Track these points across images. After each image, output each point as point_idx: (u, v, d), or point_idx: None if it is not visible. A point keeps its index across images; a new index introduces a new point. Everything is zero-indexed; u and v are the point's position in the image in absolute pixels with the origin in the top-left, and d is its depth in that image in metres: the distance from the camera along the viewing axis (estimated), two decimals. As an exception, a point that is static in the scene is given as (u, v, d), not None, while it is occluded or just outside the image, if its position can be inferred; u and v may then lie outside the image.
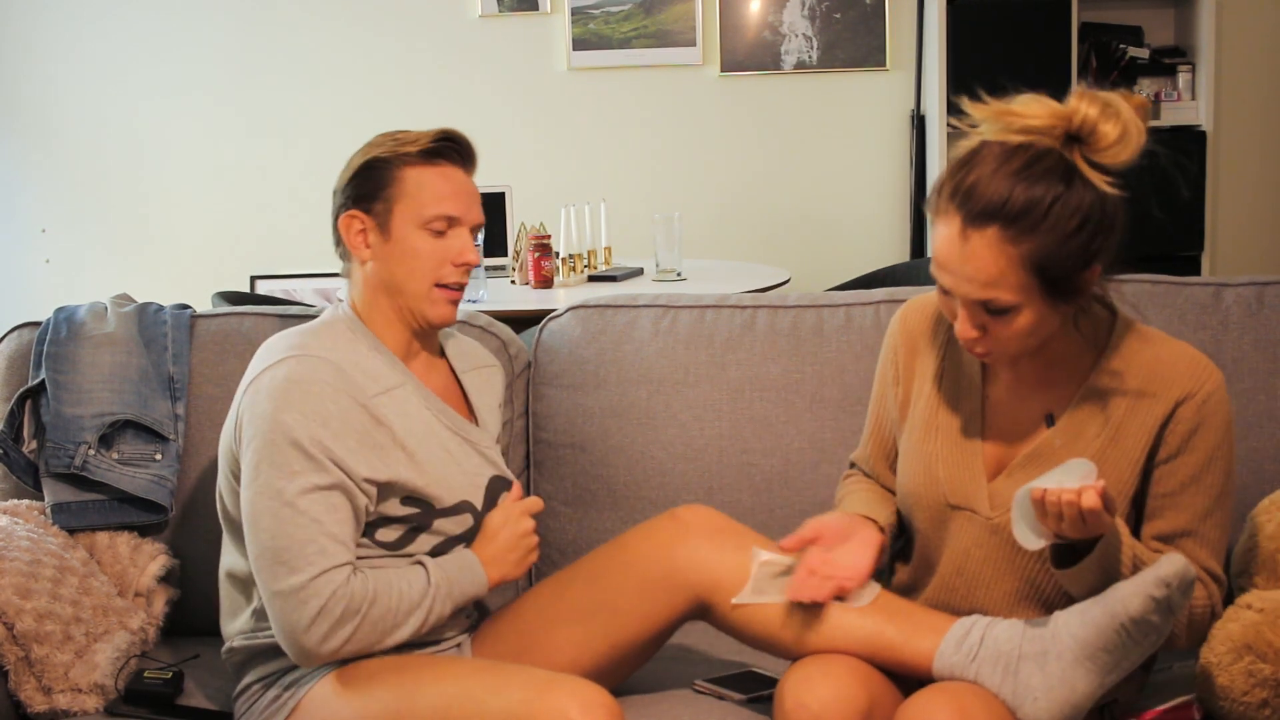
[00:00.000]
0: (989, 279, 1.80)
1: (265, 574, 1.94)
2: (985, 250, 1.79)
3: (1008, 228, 1.78)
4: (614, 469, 2.45)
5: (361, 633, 1.94)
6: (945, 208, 1.83)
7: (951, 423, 2.01)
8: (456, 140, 2.09)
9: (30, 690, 2.11)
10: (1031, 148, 1.81)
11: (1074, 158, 1.81)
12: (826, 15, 5.21)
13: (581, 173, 5.29)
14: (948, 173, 1.85)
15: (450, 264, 2.07)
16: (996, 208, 1.78)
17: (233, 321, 2.54)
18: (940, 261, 1.84)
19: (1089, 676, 1.81)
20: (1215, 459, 1.91)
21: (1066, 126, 1.81)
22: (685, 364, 2.46)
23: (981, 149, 1.83)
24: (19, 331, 2.53)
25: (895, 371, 2.09)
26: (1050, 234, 1.78)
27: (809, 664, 1.90)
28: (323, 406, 1.96)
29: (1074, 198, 1.79)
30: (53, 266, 5.46)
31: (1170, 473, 1.91)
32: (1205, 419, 1.90)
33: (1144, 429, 1.91)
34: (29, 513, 2.35)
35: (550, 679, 1.85)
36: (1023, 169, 1.79)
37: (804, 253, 5.22)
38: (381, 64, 5.31)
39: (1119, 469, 1.92)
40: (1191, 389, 1.90)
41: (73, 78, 5.35)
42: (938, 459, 2.01)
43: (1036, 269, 1.79)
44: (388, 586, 1.97)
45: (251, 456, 1.97)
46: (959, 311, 1.86)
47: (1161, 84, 5.05)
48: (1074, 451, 1.92)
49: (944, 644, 1.89)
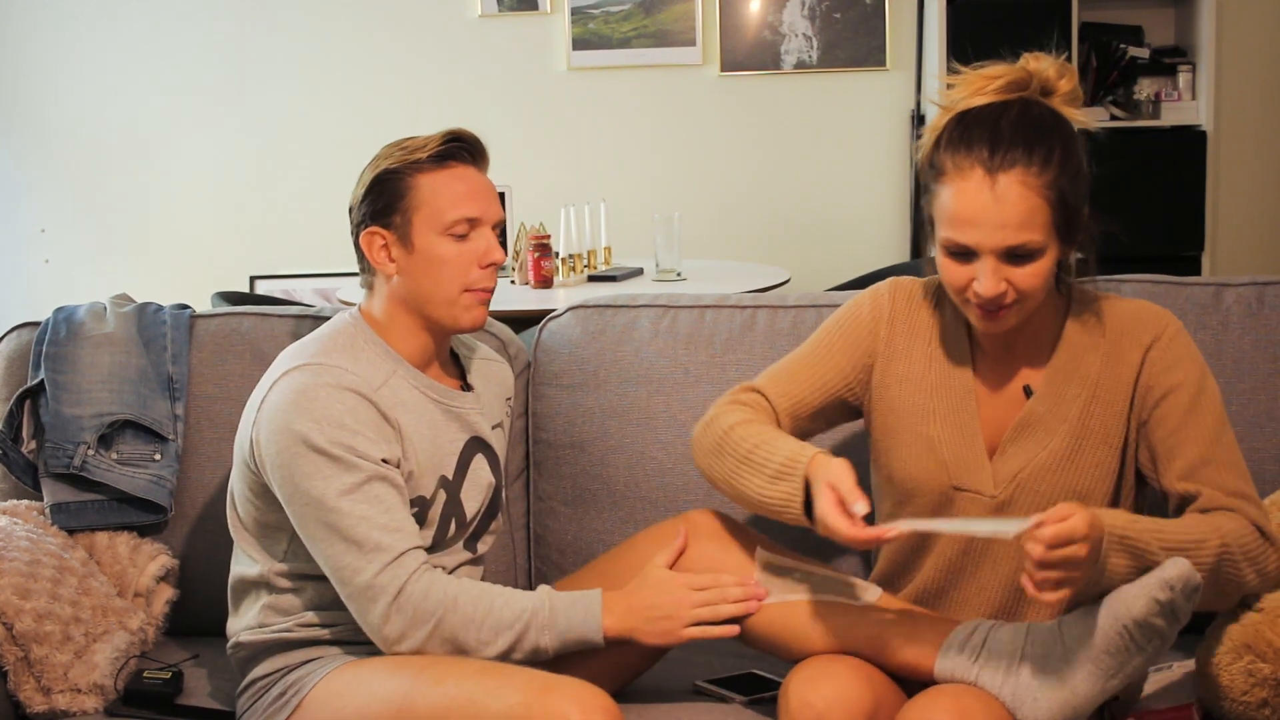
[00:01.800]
0: (1022, 218, 1.85)
1: (336, 581, 1.96)
2: (1015, 188, 1.85)
3: (1030, 163, 1.85)
4: (614, 469, 2.45)
5: (440, 636, 1.92)
6: (958, 164, 1.88)
7: (946, 405, 2.02)
8: (465, 139, 2.06)
9: (30, 690, 2.11)
10: (1014, 103, 1.91)
11: (1053, 105, 1.93)
12: (826, 15, 5.21)
13: (581, 173, 5.29)
14: (942, 137, 1.91)
15: (477, 266, 2.04)
16: (1018, 147, 1.85)
17: (232, 321, 2.54)
18: (966, 217, 1.87)
19: (1090, 679, 1.80)
20: (1203, 387, 1.96)
21: (1032, 80, 1.93)
22: (685, 364, 2.46)
23: (965, 113, 1.91)
24: (18, 331, 2.53)
25: (875, 347, 2.07)
26: (1066, 165, 1.87)
27: (814, 664, 1.90)
28: (331, 408, 1.96)
29: (1070, 135, 1.91)
30: (53, 266, 5.45)
31: (1167, 412, 1.95)
32: (1178, 354, 1.96)
33: (1121, 381, 1.96)
34: (28, 513, 2.35)
35: (549, 681, 1.85)
36: (1022, 114, 1.89)
37: (804, 253, 5.22)
38: (381, 64, 5.31)
39: (1105, 425, 1.96)
40: (1156, 332, 1.97)
41: (73, 78, 5.35)
42: (940, 443, 2.01)
43: (1059, 202, 1.86)
44: (479, 596, 1.94)
45: (280, 474, 1.97)
46: (986, 268, 1.87)
47: (1161, 84, 5.05)
48: (1059, 415, 1.97)
49: (946, 645, 1.89)
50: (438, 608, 1.92)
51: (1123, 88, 5.09)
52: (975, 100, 1.92)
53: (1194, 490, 1.92)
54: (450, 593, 1.93)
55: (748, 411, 2.05)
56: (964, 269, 1.90)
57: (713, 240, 5.22)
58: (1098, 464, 1.97)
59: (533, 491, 2.51)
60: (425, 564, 1.96)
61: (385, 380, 2.04)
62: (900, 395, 2.05)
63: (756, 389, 2.09)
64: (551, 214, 4.38)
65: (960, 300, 1.94)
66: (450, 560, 2.11)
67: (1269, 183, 5.23)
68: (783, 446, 1.95)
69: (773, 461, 1.94)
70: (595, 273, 4.30)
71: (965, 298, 1.92)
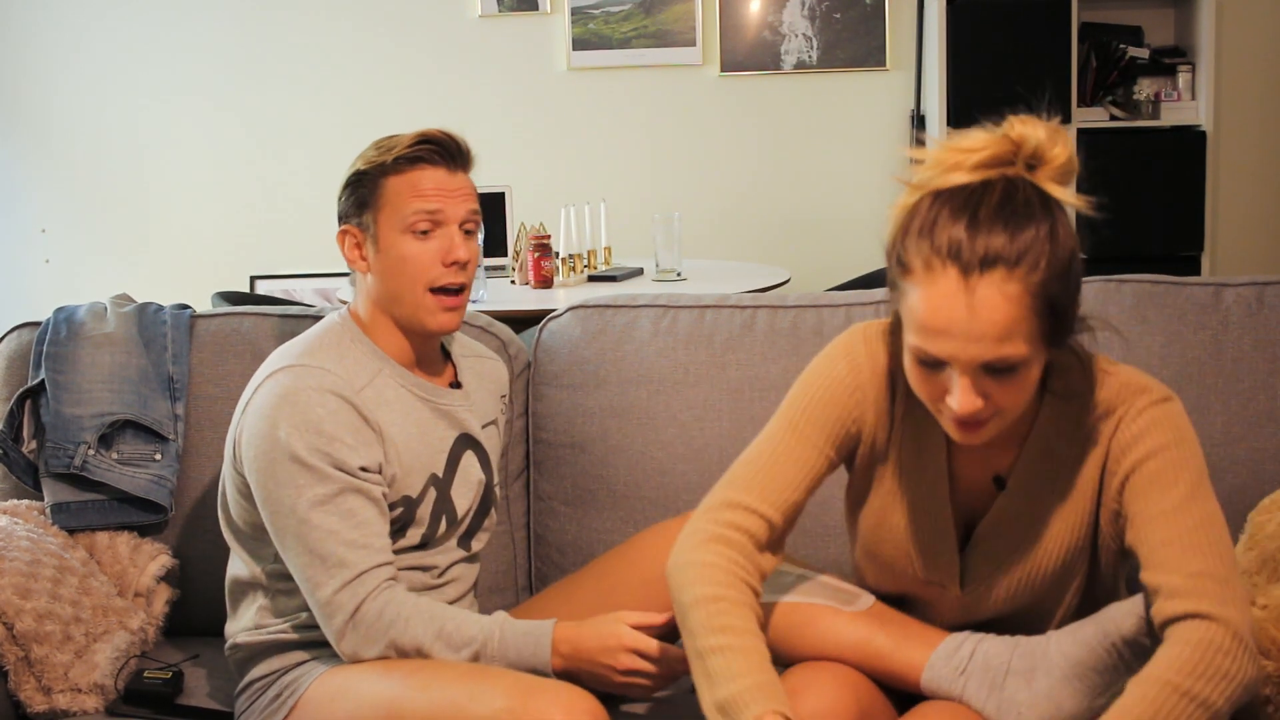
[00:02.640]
0: (1003, 330, 1.59)
1: (304, 588, 1.98)
2: (995, 297, 1.58)
3: (1014, 267, 1.58)
4: (614, 469, 2.45)
5: (394, 653, 1.95)
6: (928, 263, 1.61)
7: (917, 493, 1.85)
8: (436, 141, 2.05)
9: (30, 690, 2.11)
10: (996, 182, 1.63)
11: (1041, 183, 1.65)
12: (826, 15, 5.21)
13: (581, 173, 5.29)
14: (911, 232, 1.65)
15: (439, 264, 2.03)
16: (999, 249, 1.59)
17: (232, 322, 2.54)
18: (937, 327, 1.61)
19: (1077, 696, 1.78)
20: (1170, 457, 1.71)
21: (1019, 152, 1.65)
22: (685, 364, 2.46)
23: (939, 198, 1.65)
24: (19, 331, 2.53)
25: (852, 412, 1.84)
26: (1054, 266, 1.60)
27: (799, 673, 1.88)
28: (312, 412, 1.96)
29: (1061, 224, 1.63)
30: (53, 266, 5.46)
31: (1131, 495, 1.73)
32: (1144, 426, 1.73)
33: (1091, 470, 1.78)
34: (29, 513, 2.35)
35: (534, 685, 1.85)
36: (1003, 203, 1.61)
37: (804, 253, 5.22)
38: (381, 64, 5.31)
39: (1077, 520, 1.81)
40: (1126, 408, 1.74)
41: (73, 78, 5.36)
42: (910, 535, 1.86)
43: (1047, 309, 1.61)
44: (430, 619, 1.95)
45: (257, 477, 1.98)
46: (962, 384, 1.63)
47: (1161, 84, 5.05)
48: (1031, 514, 1.79)
49: (934, 656, 1.87)
50: (389, 628, 1.94)
51: (1122, 88, 5.10)
52: (950, 178, 1.65)
53: (1155, 585, 1.68)
54: (404, 614, 1.94)
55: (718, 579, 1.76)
56: (937, 380, 1.66)
57: (713, 240, 5.23)
58: (1069, 567, 1.83)
59: (533, 491, 2.51)
60: (387, 582, 1.97)
61: (370, 380, 2.04)
62: (872, 470, 1.89)
63: (743, 507, 1.81)
64: (551, 214, 4.38)
65: (934, 410, 1.71)
66: (444, 559, 2.11)
67: (1269, 183, 5.23)
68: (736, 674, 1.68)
69: (719, 687, 1.68)
70: (595, 273, 4.30)
71: (939, 408, 1.69)
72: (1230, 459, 2.26)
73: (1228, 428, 2.27)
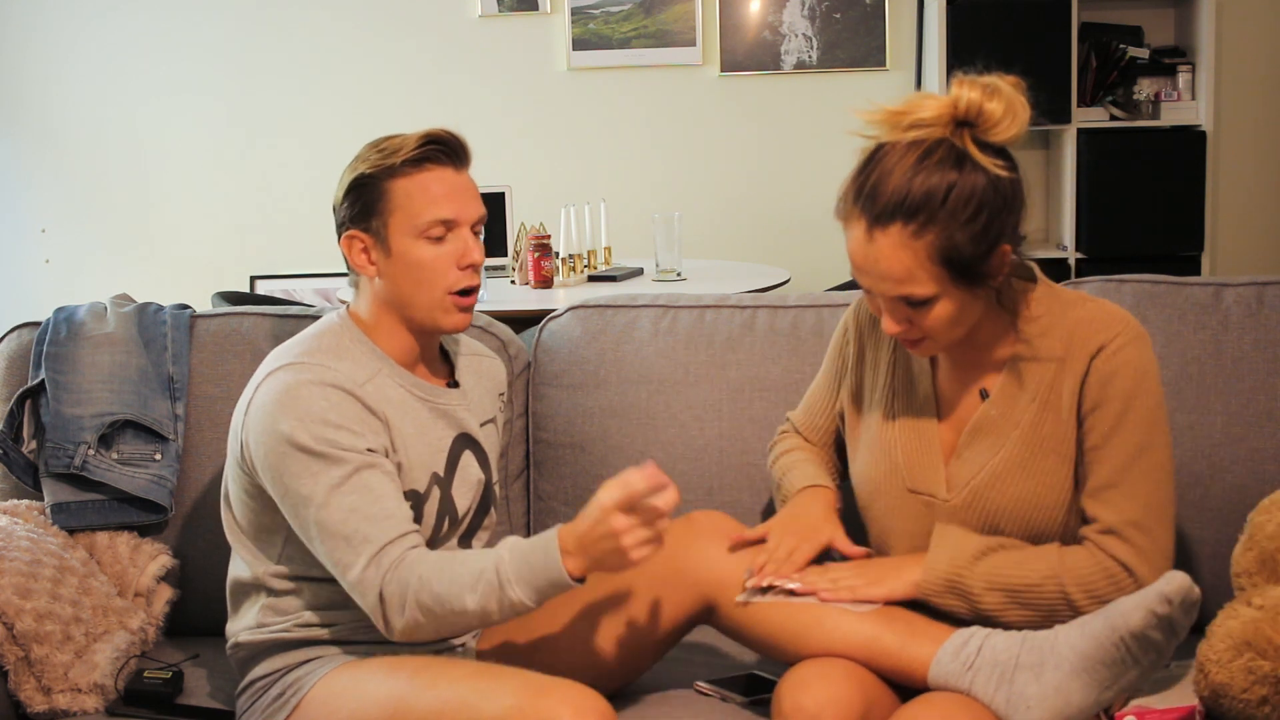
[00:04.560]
0: (901, 275, 1.85)
1: (336, 574, 1.96)
2: (892, 248, 1.84)
3: (909, 222, 1.83)
4: (614, 469, 2.42)
5: (425, 614, 1.90)
6: (851, 212, 1.89)
7: (907, 409, 2.04)
8: (441, 141, 2.04)
9: (30, 690, 2.11)
10: (924, 141, 1.85)
11: (964, 144, 1.85)
12: (826, 15, 5.21)
13: (581, 173, 5.29)
14: (850, 178, 1.91)
15: (456, 268, 2.03)
16: (896, 205, 1.83)
17: (232, 322, 2.54)
18: (856, 264, 1.90)
19: (1085, 690, 1.80)
20: (1132, 405, 1.91)
21: (953, 113, 1.85)
22: (685, 364, 2.46)
23: (879, 150, 1.89)
24: (19, 331, 2.53)
25: (845, 362, 2.14)
26: (950, 223, 1.83)
27: (806, 667, 1.90)
28: (315, 404, 1.96)
29: (967, 184, 1.83)
30: (53, 266, 5.46)
31: (1093, 425, 1.92)
32: (1117, 366, 1.91)
33: (1069, 390, 1.93)
34: (29, 513, 2.35)
35: (543, 684, 1.85)
36: (917, 162, 1.84)
37: (804, 253, 5.22)
38: (381, 64, 5.31)
39: (1056, 435, 1.94)
40: (1104, 340, 1.92)
41: (73, 78, 5.36)
42: (896, 445, 2.03)
43: (944, 259, 1.84)
44: (442, 568, 1.91)
45: (271, 476, 1.97)
46: (884, 308, 1.91)
47: (1161, 84, 5.05)
48: (1011, 421, 1.96)
49: (941, 652, 1.88)
50: (414, 594, 1.90)
51: (1122, 88, 5.10)
52: (893, 136, 1.88)
53: (1092, 513, 1.93)
54: (419, 573, 1.90)
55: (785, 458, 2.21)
56: (874, 300, 1.93)
57: (713, 240, 5.23)
58: (1050, 473, 1.95)
59: (533, 491, 2.51)
60: (410, 550, 1.93)
61: (370, 378, 2.04)
62: (870, 399, 2.08)
63: (789, 419, 2.25)
64: (551, 214, 4.38)
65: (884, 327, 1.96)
66: None
67: (1269, 183, 5.23)
68: (794, 478, 2.16)
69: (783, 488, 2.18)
70: (595, 273, 4.30)
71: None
72: (1230, 459, 2.26)
73: (1228, 428, 2.27)
